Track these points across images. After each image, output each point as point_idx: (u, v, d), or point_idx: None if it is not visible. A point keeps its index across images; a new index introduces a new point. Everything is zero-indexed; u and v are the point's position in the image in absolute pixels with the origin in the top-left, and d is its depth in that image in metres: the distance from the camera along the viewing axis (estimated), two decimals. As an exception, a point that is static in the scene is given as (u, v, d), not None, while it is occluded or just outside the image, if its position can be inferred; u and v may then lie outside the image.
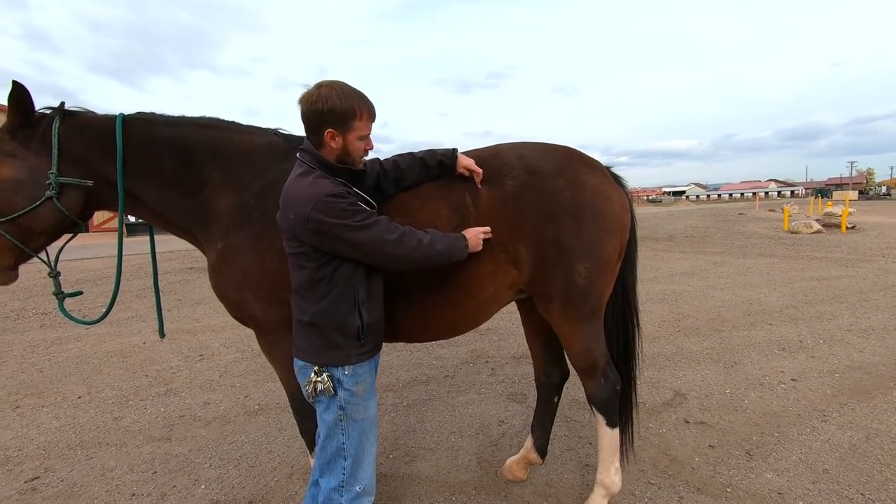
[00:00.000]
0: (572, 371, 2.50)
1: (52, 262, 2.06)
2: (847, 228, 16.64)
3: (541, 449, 2.71)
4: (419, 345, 5.35)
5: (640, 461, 2.93)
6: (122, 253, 2.20)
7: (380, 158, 2.12)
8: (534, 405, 2.81)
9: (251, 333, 2.37)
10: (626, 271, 2.39)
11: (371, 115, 1.75)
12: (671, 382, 4.15)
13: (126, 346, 5.70)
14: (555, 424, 2.85)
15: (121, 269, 2.23)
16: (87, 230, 27.70)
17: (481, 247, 1.97)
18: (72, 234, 2.12)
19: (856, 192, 70.41)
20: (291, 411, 2.25)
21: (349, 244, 1.68)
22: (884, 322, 5.67)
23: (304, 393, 1.81)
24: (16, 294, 8.80)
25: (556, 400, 2.73)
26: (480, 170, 2.06)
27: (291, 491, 2.78)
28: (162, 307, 2.41)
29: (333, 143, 1.73)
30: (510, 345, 5.32)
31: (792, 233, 16.38)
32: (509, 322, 6.13)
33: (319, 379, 1.75)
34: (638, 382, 2.56)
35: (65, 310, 2.12)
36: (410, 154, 2.11)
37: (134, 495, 2.79)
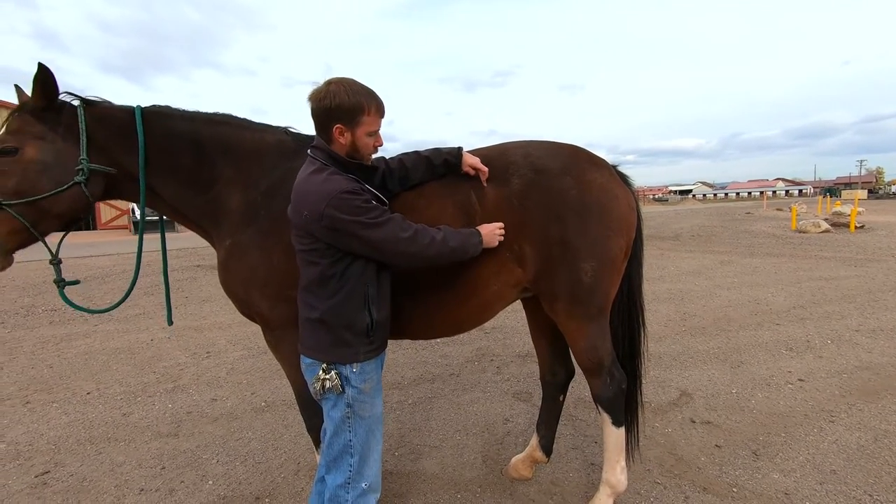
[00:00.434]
0: (578, 370, 2.50)
1: (55, 250, 2.00)
2: (856, 228, 16.49)
3: (546, 447, 2.71)
4: (425, 343, 5.36)
5: (646, 460, 2.93)
6: (143, 247, 2.19)
7: (385, 157, 2.12)
8: (539, 404, 2.81)
9: (257, 330, 2.38)
10: (633, 270, 2.38)
11: (379, 111, 1.76)
12: (677, 382, 4.13)
13: (134, 343, 5.75)
14: (560, 423, 2.85)
15: (140, 260, 2.22)
16: (95, 227, 27.91)
17: (496, 243, 1.96)
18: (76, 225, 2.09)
19: (865, 191, 69.71)
20: (298, 408, 2.27)
21: (363, 241, 1.68)
22: (893, 322, 5.62)
23: (312, 390, 1.82)
24: (25, 291, 8.90)
25: (562, 399, 2.72)
26: (486, 168, 2.06)
27: (298, 487, 2.80)
28: (171, 307, 2.42)
29: (342, 139, 1.74)
30: (516, 343, 5.32)
31: (800, 232, 16.25)
32: (515, 321, 6.12)
33: (328, 376, 1.75)
34: (644, 382, 2.56)
35: (66, 297, 2.08)
36: (416, 153, 2.11)
37: (142, 490, 2.82)
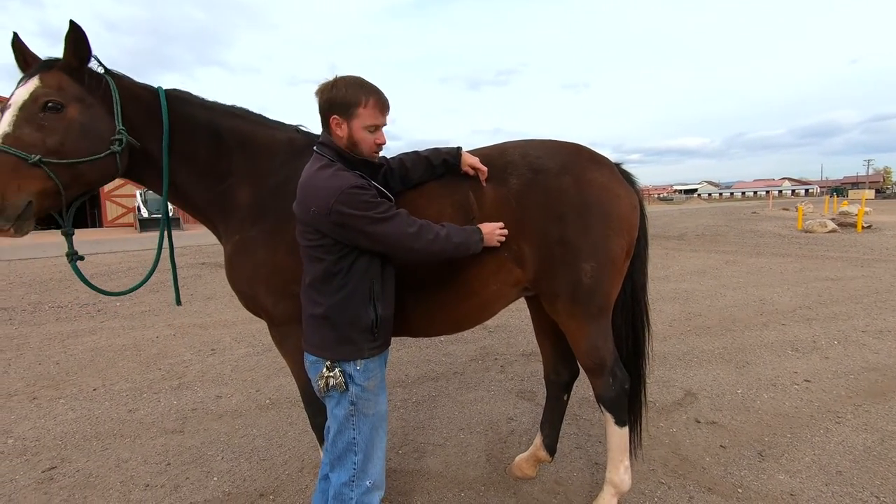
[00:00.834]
0: (582, 369, 2.50)
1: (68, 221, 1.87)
2: (863, 228, 16.37)
3: (550, 447, 2.70)
4: (429, 341, 5.36)
5: (651, 460, 2.92)
6: (164, 233, 2.18)
7: (386, 156, 2.13)
8: (543, 403, 2.81)
9: (262, 328, 2.39)
10: (637, 270, 2.37)
11: (378, 106, 1.75)
12: (682, 382, 4.12)
13: (140, 340, 5.79)
14: (564, 422, 2.84)
15: (161, 247, 2.20)
16: (101, 225, 28.10)
17: (496, 242, 1.96)
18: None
19: (872, 191, 69.16)
20: (302, 405, 2.27)
21: (370, 236, 1.69)
22: (900, 323, 5.58)
23: (315, 388, 1.83)
24: (32, 287, 8.97)
25: (566, 398, 2.72)
26: (485, 168, 2.07)
27: (302, 484, 2.81)
28: (172, 299, 2.42)
29: (339, 132, 1.76)
30: (520, 342, 5.32)
31: (806, 232, 16.15)
32: (519, 319, 6.12)
33: (332, 374, 1.76)
34: (648, 381, 2.55)
35: (79, 270, 1.96)
36: (416, 152, 2.12)
37: (148, 486, 2.83)
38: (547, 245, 2.04)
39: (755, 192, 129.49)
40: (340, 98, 1.72)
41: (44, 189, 1.69)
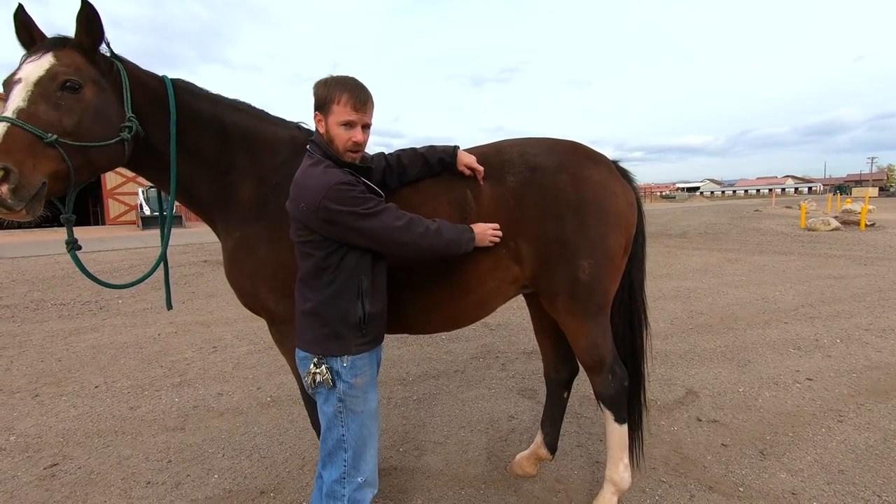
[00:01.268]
0: (581, 367, 2.49)
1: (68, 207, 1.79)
2: (866, 226, 16.30)
3: (551, 445, 2.70)
4: (430, 340, 5.36)
5: (652, 459, 2.91)
6: (170, 224, 2.13)
7: (385, 153, 2.13)
8: (544, 401, 2.81)
9: (263, 326, 2.38)
10: (634, 267, 2.37)
11: (352, 102, 1.72)
12: (683, 380, 4.11)
13: (141, 338, 5.80)
14: (565, 421, 2.84)
15: (168, 238, 2.13)
16: (104, 223, 28.16)
17: (488, 243, 1.97)
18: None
19: (876, 189, 68.87)
20: (303, 403, 2.27)
21: (359, 232, 1.69)
22: (903, 322, 5.56)
23: (304, 384, 1.84)
24: (35, 285, 8.99)
25: (566, 396, 2.72)
26: (481, 167, 2.07)
27: (303, 482, 2.81)
28: (175, 296, 2.41)
29: (321, 128, 1.79)
30: (521, 340, 5.31)
31: (809, 230, 16.09)
32: (520, 317, 6.11)
33: (318, 370, 1.76)
34: (648, 379, 2.54)
35: (78, 260, 1.89)
36: (413, 149, 2.12)
37: (149, 483, 2.84)
38: (545, 243, 2.04)
39: (758, 190, 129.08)
40: (321, 95, 1.75)
41: (56, 171, 1.62)
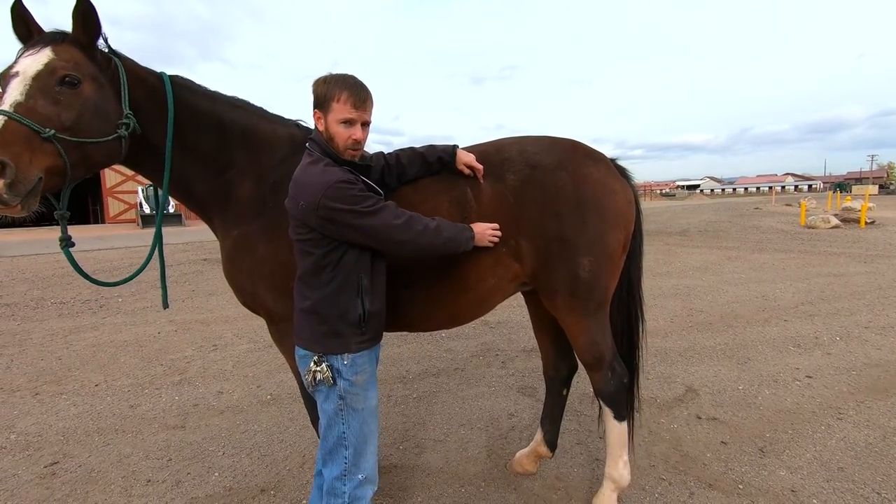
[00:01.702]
0: (581, 365, 2.50)
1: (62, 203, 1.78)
2: (866, 224, 16.28)
3: (550, 442, 2.71)
4: (430, 337, 5.36)
5: (652, 456, 2.92)
6: (162, 224, 2.14)
7: (384, 153, 2.13)
8: (543, 399, 2.81)
9: (263, 324, 2.37)
10: (632, 265, 2.39)
11: (352, 100, 1.72)
12: (683, 378, 4.11)
13: (141, 336, 5.80)
14: (565, 418, 2.84)
15: (161, 235, 2.14)
16: (103, 221, 28.14)
17: (487, 243, 1.97)
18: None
19: (876, 187, 68.83)
20: (302, 401, 2.27)
21: (358, 230, 1.70)
22: (903, 319, 5.56)
23: (304, 382, 1.84)
24: (35, 283, 8.99)
25: (565, 393, 2.72)
26: (480, 166, 2.07)
27: (303, 480, 2.81)
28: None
29: (320, 126, 1.79)
30: (521, 338, 5.31)
31: (809, 228, 16.08)
32: (520, 315, 6.11)
33: (318, 368, 1.77)
34: (648, 377, 2.54)
35: (72, 257, 1.86)
36: (412, 149, 2.13)
37: (149, 481, 2.84)
38: (544, 240, 2.05)
39: (758, 188, 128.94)
40: (320, 93, 1.75)
41: (53, 166, 1.61)
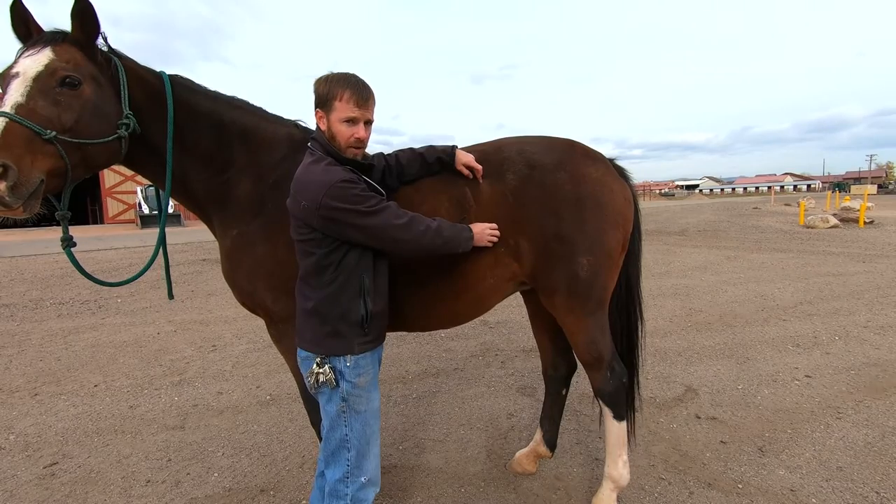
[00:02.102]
0: (580, 364, 2.50)
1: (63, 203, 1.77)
2: (865, 223, 16.30)
3: (550, 442, 2.71)
4: (429, 338, 5.37)
5: (651, 456, 2.92)
6: (165, 224, 2.11)
7: (384, 154, 2.13)
8: (543, 398, 2.81)
9: (263, 324, 2.37)
10: (630, 264, 2.40)
11: (354, 99, 1.73)
12: (682, 377, 4.11)
13: (140, 336, 5.80)
14: (564, 418, 2.84)
15: (164, 234, 2.12)
16: (102, 221, 28.11)
17: (486, 243, 1.97)
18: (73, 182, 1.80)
19: (874, 187, 68.92)
20: (302, 401, 2.27)
21: (360, 229, 1.70)
22: (902, 319, 5.56)
23: (307, 384, 1.83)
24: (34, 284, 8.98)
25: (565, 393, 2.72)
26: (480, 167, 2.08)
27: (302, 480, 2.81)
28: (175, 296, 2.38)
29: (322, 125, 1.79)
30: (520, 338, 5.32)
31: (808, 227, 16.10)
32: (519, 315, 6.11)
33: (321, 370, 1.76)
34: (648, 377, 2.55)
35: (73, 257, 1.86)
36: (411, 149, 2.13)
37: (149, 482, 2.84)
38: (544, 240, 2.05)
39: (757, 188, 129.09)
40: (322, 92, 1.75)
41: (54, 168, 1.60)
